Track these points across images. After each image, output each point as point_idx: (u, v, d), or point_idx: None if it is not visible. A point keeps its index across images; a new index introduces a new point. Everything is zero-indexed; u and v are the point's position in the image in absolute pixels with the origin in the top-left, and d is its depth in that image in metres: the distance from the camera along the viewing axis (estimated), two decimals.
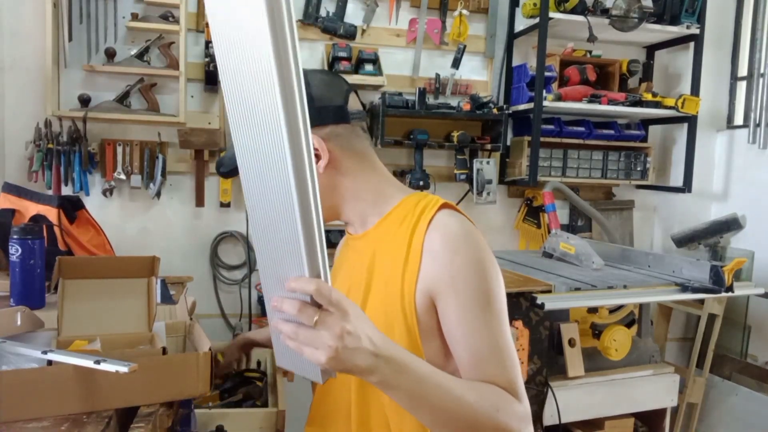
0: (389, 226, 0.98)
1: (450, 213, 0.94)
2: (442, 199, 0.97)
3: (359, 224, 1.03)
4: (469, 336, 0.88)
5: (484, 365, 0.87)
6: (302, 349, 0.69)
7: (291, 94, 0.63)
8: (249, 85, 0.65)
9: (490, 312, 0.89)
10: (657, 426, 2.29)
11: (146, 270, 1.14)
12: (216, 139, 2.43)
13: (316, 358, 0.68)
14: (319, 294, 0.67)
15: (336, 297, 0.68)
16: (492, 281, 0.91)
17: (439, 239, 0.91)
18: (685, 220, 3.15)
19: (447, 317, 0.90)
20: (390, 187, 1.02)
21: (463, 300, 0.89)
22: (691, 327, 3.20)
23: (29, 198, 1.84)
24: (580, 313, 2.23)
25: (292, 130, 0.63)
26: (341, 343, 0.67)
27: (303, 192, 0.65)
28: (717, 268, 2.10)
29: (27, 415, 0.86)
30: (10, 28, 2.34)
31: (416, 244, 0.92)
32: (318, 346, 0.67)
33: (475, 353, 0.88)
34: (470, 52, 2.81)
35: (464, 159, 2.74)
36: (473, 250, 0.90)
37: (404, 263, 0.92)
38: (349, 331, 0.68)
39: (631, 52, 3.04)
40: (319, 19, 2.56)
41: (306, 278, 0.68)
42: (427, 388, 0.77)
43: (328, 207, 1.00)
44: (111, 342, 1.05)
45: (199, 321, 1.29)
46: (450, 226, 0.92)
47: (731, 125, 3.18)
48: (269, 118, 0.64)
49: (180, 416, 1.04)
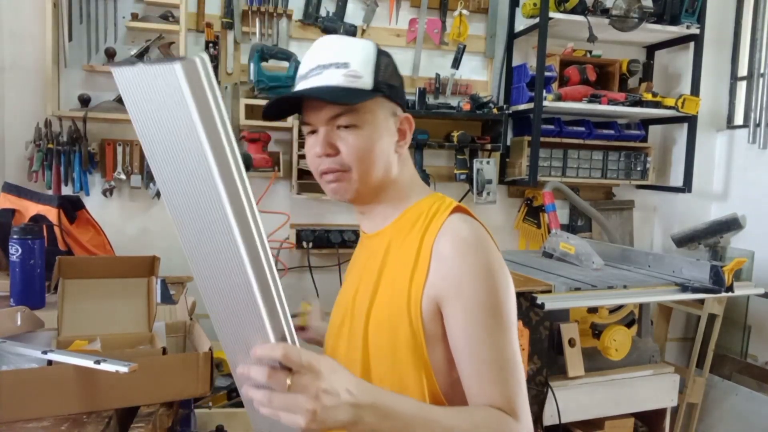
0: (403, 226, 0.98)
1: (462, 217, 0.93)
2: (456, 202, 0.97)
3: (380, 219, 1.01)
4: (472, 347, 0.86)
5: (484, 379, 0.86)
6: (279, 415, 0.66)
7: (221, 149, 0.60)
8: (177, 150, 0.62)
9: (496, 322, 0.87)
10: (657, 426, 2.29)
11: (146, 270, 1.14)
12: None
13: (295, 422, 0.65)
14: (288, 359, 0.65)
15: (306, 359, 0.66)
16: (501, 290, 0.88)
17: (449, 244, 0.89)
18: (685, 220, 3.15)
19: (452, 325, 0.88)
20: (416, 186, 1.03)
21: (469, 308, 0.86)
22: (691, 327, 3.20)
23: (29, 198, 1.84)
24: (580, 313, 2.23)
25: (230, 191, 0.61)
26: (319, 404, 0.65)
27: (253, 254, 0.62)
28: (717, 268, 2.10)
29: (27, 415, 0.86)
30: (10, 28, 2.34)
31: (426, 247, 0.91)
32: (295, 410, 0.65)
33: (476, 365, 0.86)
34: (470, 52, 2.81)
35: (464, 159, 2.74)
36: (483, 256, 0.88)
37: (413, 267, 0.91)
38: (325, 390, 0.66)
39: (631, 52, 3.04)
40: (319, 19, 2.56)
41: (271, 344, 0.66)
42: (416, 427, 0.75)
43: (383, 179, 0.97)
44: (111, 342, 1.05)
45: (199, 321, 1.29)
46: (461, 231, 0.90)
47: (731, 125, 3.18)
48: (203, 185, 0.61)
49: (180, 416, 1.04)
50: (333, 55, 0.93)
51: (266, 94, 2.45)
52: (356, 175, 0.94)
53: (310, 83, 0.93)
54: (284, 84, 2.44)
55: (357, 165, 0.93)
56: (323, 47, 0.95)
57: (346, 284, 1.08)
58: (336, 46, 0.94)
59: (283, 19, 2.56)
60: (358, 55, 0.93)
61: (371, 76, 0.93)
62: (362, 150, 0.93)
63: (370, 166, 0.94)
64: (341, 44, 0.95)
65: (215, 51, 2.42)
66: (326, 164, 0.94)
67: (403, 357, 0.90)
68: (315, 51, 0.95)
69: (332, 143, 0.93)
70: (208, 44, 2.41)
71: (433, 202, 0.97)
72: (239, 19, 2.53)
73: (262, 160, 2.46)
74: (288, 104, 0.98)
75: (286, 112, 1.00)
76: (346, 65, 0.92)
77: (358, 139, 0.93)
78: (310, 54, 0.95)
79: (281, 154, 2.57)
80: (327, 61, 0.92)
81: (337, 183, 0.95)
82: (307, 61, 0.95)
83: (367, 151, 0.94)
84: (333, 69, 0.92)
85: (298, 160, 2.49)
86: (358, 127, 0.93)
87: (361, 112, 0.93)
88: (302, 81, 0.94)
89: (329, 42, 0.96)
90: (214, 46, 2.42)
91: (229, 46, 2.53)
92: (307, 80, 0.93)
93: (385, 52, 0.97)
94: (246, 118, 2.46)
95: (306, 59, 0.96)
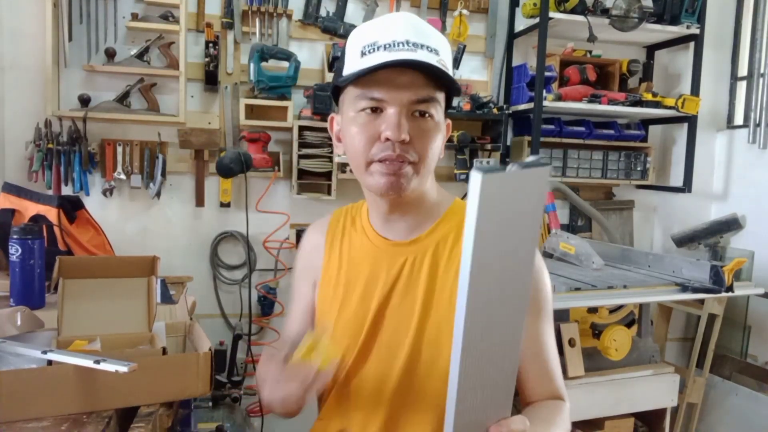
0: (445, 234, 0.95)
1: None
2: None
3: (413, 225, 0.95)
4: (535, 348, 0.93)
5: (546, 376, 0.94)
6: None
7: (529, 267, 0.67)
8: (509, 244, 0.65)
9: (548, 321, 0.96)
10: (657, 426, 2.29)
11: (146, 270, 1.14)
12: (216, 139, 2.43)
13: None
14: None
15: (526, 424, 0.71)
16: (549, 290, 0.97)
17: None
18: (685, 220, 3.15)
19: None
20: (441, 190, 0.99)
21: (533, 313, 0.92)
22: (691, 327, 3.20)
23: (29, 198, 1.84)
24: (580, 313, 2.23)
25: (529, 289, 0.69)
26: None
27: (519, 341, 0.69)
28: (717, 268, 2.10)
29: (27, 415, 0.86)
30: (10, 28, 2.34)
31: None
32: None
33: (540, 365, 0.94)
34: (470, 52, 2.81)
35: (464, 159, 2.74)
36: (537, 261, 0.92)
37: None
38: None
39: (631, 52, 3.04)
40: (319, 18, 2.56)
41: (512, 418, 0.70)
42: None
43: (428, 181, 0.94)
44: (111, 342, 1.05)
45: (199, 321, 1.29)
46: None
47: (731, 125, 3.17)
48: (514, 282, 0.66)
49: (180, 416, 1.04)
50: (423, 37, 0.84)
51: (266, 94, 2.46)
52: (420, 169, 0.87)
53: (402, 55, 0.81)
54: (284, 84, 2.44)
55: (423, 158, 0.86)
56: (410, 24, 0.85)
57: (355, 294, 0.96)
58: (425, 28, 0.86)
59: (283, 19, 2.56)
60: (444, 46, 0.87)
61: (451, 72, 0.88)
62: (432, 144, 0.87)
63: (431, 162, 0.89)
64: (429, 29, 0.86)
65: (215, 51, 2.41)
66: (392, 151, 0.83)
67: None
68: (399, 24, 0.84)
69: (406, 129, 0.83)
70: (208, 44, 2.41)
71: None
72: (239, 19, 2.53)
73: (262, 160, 2.46)
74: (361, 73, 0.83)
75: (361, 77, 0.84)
76: (437, 52, 0.84)
77: (432, 132, 0.86)
78: (391, 25, 0.84)
79: (281, 154, 2.57)
80: (419, 40, 0.83)
81: (397, 176, 0.85)
82: (387, 32, 0.83)
83: (435, 147, 0.88)
84: (426, 51, 0.82)
85: (298, 160, 2.49)
86: (433, 118, 0.86)
87: (437, 104, 0.86)
88: (384, 51, 0.82)
89: (416, 21, 0.86)
90: (214, 46, 2.42)
91: (229, 46, 2.53)
92: (392, 52, 0.81)
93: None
94: (246, 118, 2.46)
95: (383, 29, 0.84)
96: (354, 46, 0.87)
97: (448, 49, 0.88)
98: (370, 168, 0.87)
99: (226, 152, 2.31)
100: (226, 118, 2.55)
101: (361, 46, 0.84)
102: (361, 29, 0.88)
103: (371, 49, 0.83)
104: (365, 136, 0.85)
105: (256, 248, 2.60)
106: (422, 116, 0.85)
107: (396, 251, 0.96)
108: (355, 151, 0.87)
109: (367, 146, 0.85)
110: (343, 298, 0.98)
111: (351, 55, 0.87)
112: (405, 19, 0.85)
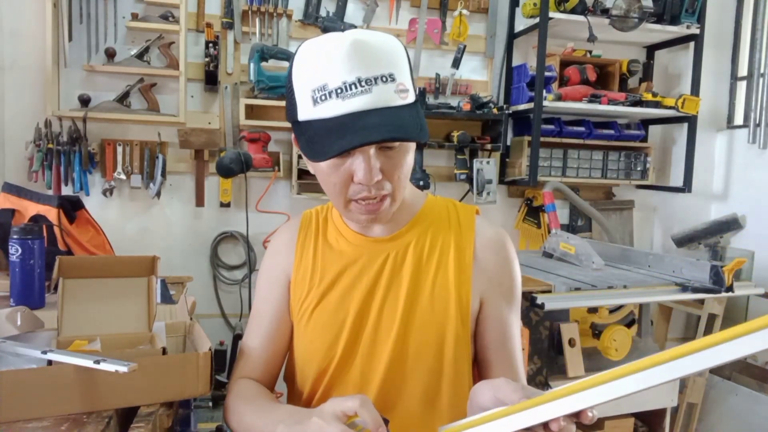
0: (424, 229, 0.98)
1: (486, 220, 1.01)
2: (468, 204, 1.04)
3: (393, 223, 0.96)
4: (505, 337, 0.97)
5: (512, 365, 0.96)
6: None
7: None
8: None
9: (517, 312, 1.00)
10: (657, 426, 2.29)
11: (146, 270, 1.14)
12: (216, 139, 2.43)
13: None
14: None
15: None
16: (520, 281, 1.02)
17: (489, 246, 0.97)
18: (685, 220, 3.15)
19: (492, 318, 0.97)
20: (411, 186, 1.01)
21: (506, 303, 0.97)
22: (691, 327, 3.20)
23: (29, 198, 1.84)
24: (580, 313, 2.23)
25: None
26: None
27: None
28: (717, 268, 2.10)
29: (27, 415, 0.85)
30: (10, 28, 2.34)
31: (467, 251, 0.96)
32: None
33: (508, 353, 0.97)
34: (470, 52, 2.81)
35: (464, 159, 2.74)
36: (514, 254, 1.00)
37: (456, 270, 0.95)
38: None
39: (631, 52, 3.04)
40: (319, 18, 2.56)
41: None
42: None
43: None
44: (111, 342, 1.05)
45: (199, 321, 1.29)
46: (494, 233, 0.99)
47: (731, 125, 3.17)
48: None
49: (180, 416, 1.04)
50: (373, 64, 0.78)
51: (266, 94, 2.45)
52: (397, 196, 0.88)
53: (358, 103, 0.77)
54: (284, 84, 2.43)
55: (399, 186, 0.87)
56: (355, 54, 0.78)
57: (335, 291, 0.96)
58: (372, 50, 0.79)
59: (283, 19, 2.56)
60: (396, 57, 0.81)
61: (411, 83, 0.84)
62: (404, 168, 0.87)
63: (406, 181, 0.90)
64: (376, 48, 0.80)
65: (215, 51, 2.42)
66: (368, 192, 0.83)
67: (449, 354, 0.94)
68: (344, 58, 0.77)
69: (378, 169, 0.82)
70: (208, 44, 2.41)
71: (446, 204, 1.02)
72: (239, 19, 2.53)
73: (262, 160, 2.46)
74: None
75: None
76: (392, 78, 0.79)
77: (402, 158, 0.85)
78: (337, 58, 0.78)
79: (281, 154, 2.58)
80: (370, 74, 0.78)
81: (377, 211, 0.87)
82: (334, 70, 0.78)
83: (407, 168, 0.88)
84: (381, 84, 0.78)
85: (298, 160, 2.49)
86: (402, 144, 0.84)
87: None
88: (337, 99, 0.77)
89: (361, 46, 0.78)
90: (214, 46, 2.42)
91: (229, 46, 2.53)
92: (347, 99, 0.77)
93: (403, 44, 0.86)
94: (246, 118, 2.46)
95: (329, 67, 0.78)
96: (303, 87, 0.82)
97: (402, 54, 0.83)
98: (349, 206, 0.88)
99: (226, 152, 2.31)
100: (226, 118, 2.55)
101: (311, 90, 0.80)
102: (306, 63, 0.81)
103: (322, 95, 0.79)
104: (339, 178, 0.84)
105: (256, 248, 2.60)
106: (390, 148, 0.83)
107: (377, 248, 0.97)
108: (331, 192, 0.88)
109: (343, 189, 0.85)
110: (320, 295, 0.97)
111: (302, 98, 0.82)
112: (349, 48, 0.78)
